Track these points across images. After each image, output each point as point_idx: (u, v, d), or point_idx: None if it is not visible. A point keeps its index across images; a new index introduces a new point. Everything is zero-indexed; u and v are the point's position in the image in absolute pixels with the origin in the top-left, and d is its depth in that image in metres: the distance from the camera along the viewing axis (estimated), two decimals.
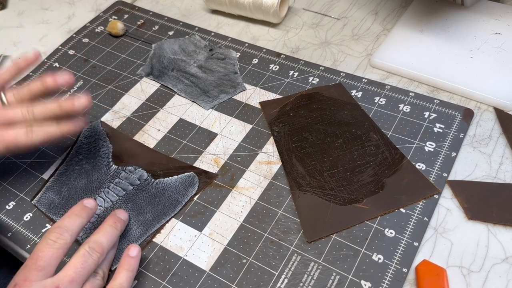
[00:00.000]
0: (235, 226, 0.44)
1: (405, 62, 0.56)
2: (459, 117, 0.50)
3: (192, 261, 0.43)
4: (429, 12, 0.61)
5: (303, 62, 0.59)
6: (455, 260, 0.40)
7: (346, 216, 0.43)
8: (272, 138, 0.51)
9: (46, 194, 0.49)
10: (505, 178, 0.45)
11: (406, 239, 0.41)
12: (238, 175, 0.48)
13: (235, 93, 0.56)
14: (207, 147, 0.51)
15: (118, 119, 0.56)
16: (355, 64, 0.58)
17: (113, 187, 0.48)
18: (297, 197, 0.45)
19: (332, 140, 0.49)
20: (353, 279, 0.40)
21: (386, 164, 0.46)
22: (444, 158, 0.47)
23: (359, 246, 0.41)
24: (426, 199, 0.44)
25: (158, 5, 0.73)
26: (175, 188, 0.47)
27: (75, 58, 0.65)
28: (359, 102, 0.53)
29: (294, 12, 0.67)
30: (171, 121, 0.55)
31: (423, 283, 0.38)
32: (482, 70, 0.53)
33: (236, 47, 0.62)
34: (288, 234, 0.43)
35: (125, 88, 0.59)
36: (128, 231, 0.45)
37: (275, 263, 0.41)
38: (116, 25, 0.66)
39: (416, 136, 0.49)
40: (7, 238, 0.46)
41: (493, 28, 0.58)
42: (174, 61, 0.61)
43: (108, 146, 0.52)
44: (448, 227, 0.42)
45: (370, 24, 0.63)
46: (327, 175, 0.46)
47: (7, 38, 0.70)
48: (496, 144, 0.48)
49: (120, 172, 0.49)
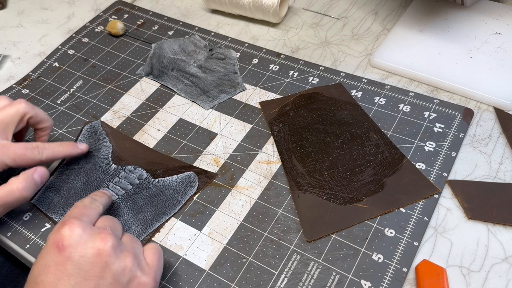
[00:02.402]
0: (235, 226, 0.44)
1: (405, 62, 0.56)
2: (459, 117, 0.50)
3: (191, 260, 0.43)
4: (429, 12, 0.61)
5: (303, 62, 0.59)
6: (455, 259, 0.40)
7: (346, 216, 0.43)
8: (272, 137, 0.51)
9: (45, 193, 0.48)
10: (505, 178, 0.45)
11: (406, 238, 0.41)
12: (238, 175, 0.48)
13: (235, 93, 0.56)
14: (207, 147, 0.51)
15: (118, 118, 0.56)
16: (355, 64, 0.58)
17: (112, 186, 0.48)
18: (297, 197, 0.45)
19: (332, 139, 0.49)
20: (353, 279, 0.40)
21: (386, 164, 0.46)
22: (444, 158, 0.47)
23: (359, 246, 0.41)
24: (426, 198, 0.44)
25: (158, 4, 0.73)
26: (175, 188, 0.47)
27: (74, 57, 0.65)
28: (359, 102, 0.53)
29: (294, 12, 0.67)
30: (171, 121, 0.55)
31: (423, 283, 0.38)
32: (482, 70, 0.53)
33: (236, 47, 0.62)
34: (288, 233, 0.43)
35: (125, 88, 0.59)
36: (127, 230, 0.44)
37: (275, 263, 0.41)
38: (116, 25, 0.66)
39: (416, 136, 0.49)
40: (6, 237, 0.46)
41: (493, 28, 0.58)
42: (174, 61, 0.61)
43: (108, 146, 0.52)
44: (448, 226, 0.42)
45: (370, 24, 0.63)
46: (327, 174, 0.46)
47: (7, 37, 0.70)
48: (496, 144, 0.48)
49: (119, 172, 0.49)
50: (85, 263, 0.33)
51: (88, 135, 0.54)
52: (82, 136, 0.53)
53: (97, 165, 0.50)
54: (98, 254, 0.33)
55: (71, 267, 0.32)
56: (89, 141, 0.53)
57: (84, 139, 0.53)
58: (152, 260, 0.37)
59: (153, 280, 0.36)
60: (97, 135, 0.53)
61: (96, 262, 0.33)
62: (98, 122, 0.55)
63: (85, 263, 0.33)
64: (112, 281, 0.33)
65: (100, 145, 0.52)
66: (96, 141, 0.53)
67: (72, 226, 0.34)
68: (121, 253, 0.35)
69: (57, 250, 0.33)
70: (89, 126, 0.55)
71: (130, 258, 0.35)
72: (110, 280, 0.33)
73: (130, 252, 0.35)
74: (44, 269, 0.33)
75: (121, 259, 0.34)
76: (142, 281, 0.35)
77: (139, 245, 0.38)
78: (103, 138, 0.53)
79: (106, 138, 0.53)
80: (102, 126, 0.55)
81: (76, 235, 0.33)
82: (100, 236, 0.34)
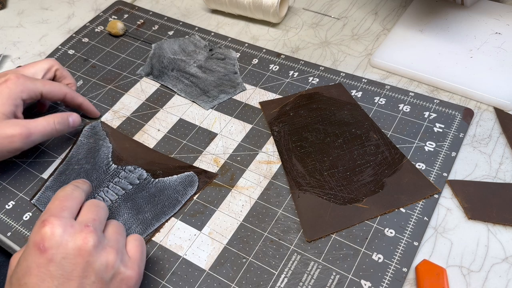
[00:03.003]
0: (235, 226, 0.44)
1: (405, 61, 0.56)
2: (459, 117, 0.50)
3: (191, 260, 0.43)
4: (429, 12, 0.61)
5: (303, 62, 0.59)
6: (455, 259, 0.40)
7: (346, 216, 0.43)
8: (272, 137, 0.51)
9: (45, 193, 0.48)
10: (505, 178, 0.45)
11: (406, 238, 0.41)
12: (238, 175, 0.48)
13: (235, 93, 0.56)
14: (207, 147, 0.51)
15: (118, 119, 0.56)
16: (355, 64, 0.58)
17: (112, 186, 0.48)
18: (297, 197, 0.45)
19: (332, 139, 0.49)
20: (353, 279, 0.40)
21: (386, 164, 0.46)
22: (444, 158, 0.47)
23: (359, 246, 0.41)
24: (426, 198, 0.44)
25: (158, 4, 0.73)
26: (175, 188, 0.47)
27: (74, 57, 0.65)
28: (359, 102, 0.53)
29: (294, 12, 0.67)
30: (171, 121, 0.55)
31: (423, 283, 0.38)
32: (482, 70, 0.53)
33: (236, 47, 0.62)
34: (288, 233, 0.43)
35: (125, 88, 0.59)
36: (127, 230, 0.44)
37: (275, 263, 0.41)
38: (116, 25, 0.66)
39: (416, 136, 0.49)
40: (6, 237, 0.46)
41: (493, 28, 0.58)
42: (174, 61, 0.61)
43: (108, 146, 0.52)
44: (448, 226, 0.42)
45: (370, 24, 0.63)
46: (327, 174, 0.46)
47: (7, 37, 0.70)
48: (496, 144, 0.48)
49: (119, 172, 0.49)
50: (67, 264, 0.33)
51: (88, 135, 0.54)
52: (82, 136, 0.53)
53: (97, 165, 0.50)
54: (80, 254, 0.33)
55: (54, 268, 0.33)
56: (89, 141, 0.53)
57: (85, 139, 0.53)
58: (135, 252, 0.37)
59: (137, 274, 0.36)
60: (97, 135, 0.53)
61: (78, 262, 0.33)
62: (99, 123, 0.55)
63: (67, 264, 0.33)
64: (95, 280, 0.34)
65: (100, 145, 0.52)
66: (96, 141, 0.53)
67: (53, 226, 0.34)
68: (103, 250, 0.35)
69: (39, 252, 0.33)
70: (90, 126, 0.55)
71: (112, 254, 0.35)
72: (93, 278, 0.34)
73: (112, 247, 0.36)
74: (27, 271, 0.33)
75: (103, 256, 0.34)
76: (126, 276, 0.35)
77: (123, 237, 0.38)
78: (103, 139, 0.53)
79: (106, 138, 0.53)
80: (102, 126, 0.55)
81: (57, 236, 0.33)
82: (81, 235, 0.34)
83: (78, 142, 0.53)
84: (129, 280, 0.36)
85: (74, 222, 0.35)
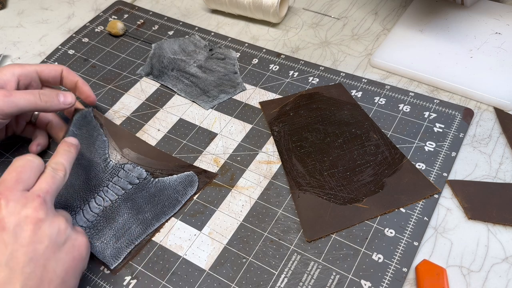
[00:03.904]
0: (235, 226, 0.44)
1: (405, 61, 0.56)
2: (459, 117, 0.50)
3: (191, 260, 0.42)
4: (429, 12, 0.61)
5: (303, 62, 0.59)
6: (455, 259, 0.40)
7: (346, 216, 0.43)
8: (272, 137, 0.51)
9: None
10: (505, 178, 0.45)
11: (406, 238, 0.41)
12: (238, 175, 0.48)
13: (235, 93, 0.56)
14: (207, 147, 0.51)
15: (118, 118, 0.56)
16: (355, 64, 0.58)
17: (112, 186, 0.48)
18: (297, 197, 0.45)
19: (332, 139, 0.49)
20: (353, 279, 0.40)
21: (386, 164, 0.46)
22: (444, 158, 0.47)
23: (359, 246, 0.41)
24: (426, 198, 0.44)
25: (158, 4, 0.73)
26: (175, 188, 0.47)
27: (74, 57, 0.65)
28: (359, 102, 0.53)
29: (294, 12, 0.67)
30: (171, 121, 0.55)
31: (423, 283, 0.38)
32: (482, 70, 0.53)
33: (236, 47, 0.62)
34: (288, 233, 0.43)
35: (125, 88, 0.59)
36: (127, 229, 0.44)
37: (275, 263, 0.41)
38: (115, 25, 0.66)
39: (416, 136, 0.49)
40: None
41: (493, 28, 0.58)
42: (174, 61, 0.61)
43: (103, 140, 0.51)
44: (448, 226, 0.42)
45: (370, 24, 0.63)
46: (327, 174, 0.46)
47: (7, 37, 0.70)
48: (496, 144, 0.48)
49: (118, 170, 0.49)
50: (20, 231, 0.35)
51: (80, 125, 0.51)
52: (73, 126, 0.50)
53: (94, 162, 0.49)
54: (32, 221, 0.35)
55: (7, 236, 0.34)
56: (81, 131, 0.50)
57: (76, 129, 0.50)
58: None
59: (87, 241, 0.39)
60: (90, 125, 0.51)
61: (31, 229, 0.35)
62: (90, 111, 0.52)
63: (20, 231, 0.35)
64: (49, 244, 0.36)
65: (95, 137, 0.50)
66: (90, 132, 0.50)
67: (6, 198, 0.35)
68: (55, 218, 0.37)
69: None
70: (80, 114, 0.51)
71: (63, 222, 0.37)
72: (46, 243, 0.36)
73: (63, 216, 0.38)
74: None
75: (55, 222, 0.37)
76: (78, 242, 0.38)
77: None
78: (97, 130, 0.51)
79: (101, 130, 0.51)
80: (94, 114, 0.52)
81: (11, 207, 0.35)
82: (33, 204, 0.36)
83: (70, 132, 0.50)
84: (80, 246, 0.38)
85: (28, 194, 0.37)
